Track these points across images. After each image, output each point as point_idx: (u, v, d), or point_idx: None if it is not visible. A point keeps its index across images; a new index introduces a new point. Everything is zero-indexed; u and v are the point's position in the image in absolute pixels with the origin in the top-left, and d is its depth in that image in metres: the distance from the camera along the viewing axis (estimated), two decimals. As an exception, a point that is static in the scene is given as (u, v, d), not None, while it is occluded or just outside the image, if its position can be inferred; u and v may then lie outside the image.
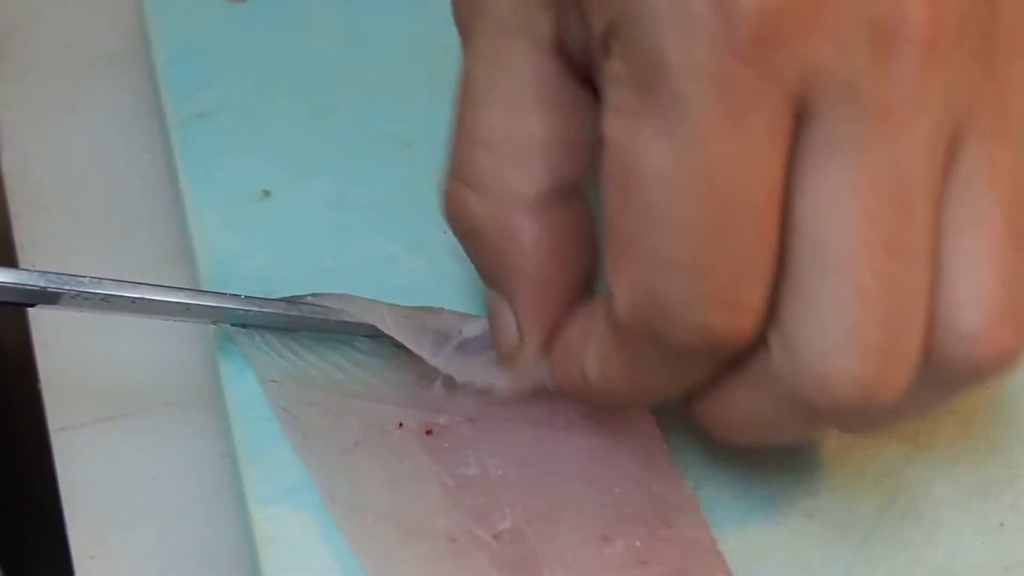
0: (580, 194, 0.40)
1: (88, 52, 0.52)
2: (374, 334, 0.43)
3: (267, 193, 0.47)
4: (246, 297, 0.43)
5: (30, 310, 0.43)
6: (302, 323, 0.43)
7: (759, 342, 0.36)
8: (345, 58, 0.50)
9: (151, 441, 0.46)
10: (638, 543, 0.41)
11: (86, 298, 0.41)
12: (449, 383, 0.43)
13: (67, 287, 0.41)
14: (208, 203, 0.47)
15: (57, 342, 0.48)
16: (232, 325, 0.43)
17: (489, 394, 0.42)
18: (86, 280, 0.41)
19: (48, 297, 0.41)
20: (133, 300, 0.41)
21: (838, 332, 0.35)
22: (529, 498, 0.41)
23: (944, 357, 0.36)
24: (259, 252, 0.46)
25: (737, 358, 0.37)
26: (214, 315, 0.43)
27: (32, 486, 0.48)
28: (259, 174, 0.47)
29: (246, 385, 0.43)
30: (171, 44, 0.49)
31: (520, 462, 0.42)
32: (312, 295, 0.43)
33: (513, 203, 0.39)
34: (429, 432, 0.42)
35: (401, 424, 0.42)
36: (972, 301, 0.36)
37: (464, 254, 0.41)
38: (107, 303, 0.41)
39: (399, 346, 0.44)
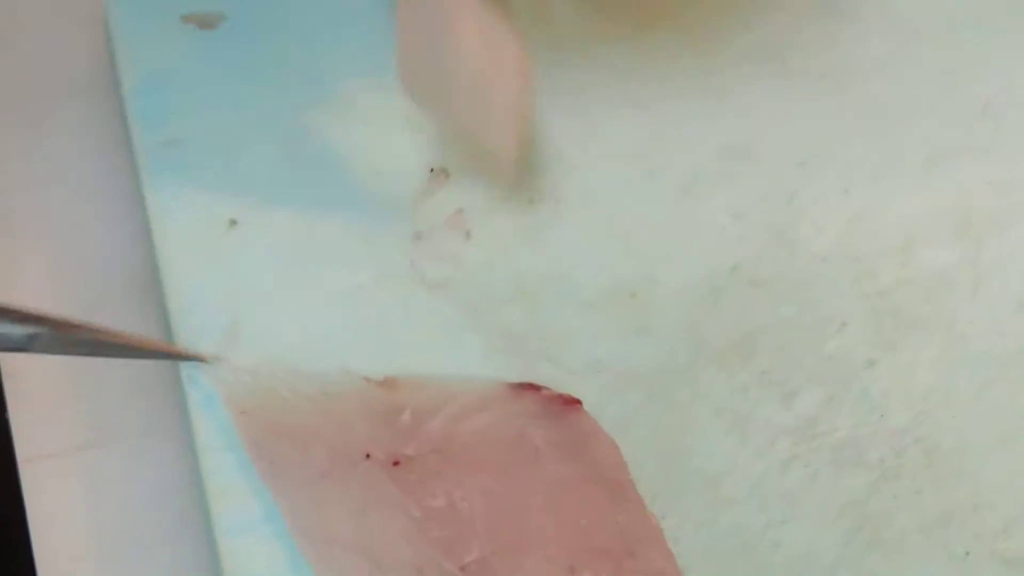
0: None
1: (56, 80, 0.52)
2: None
3: (234, 222, 0.47)
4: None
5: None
6: None
7: None
8: (313, 88, 0.50)
9: (119, 471, 0.46)
10: (604, 575, 0.41)
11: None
12: (417, 414, 0.43)
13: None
14: (175, 232, 0.47)
15: (25, 372, 0.47)
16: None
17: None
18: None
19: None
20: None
21: None
22: (496, 529, 0.41)
23: None
24: (226, 281, 0.46)
25: None
26: None
27: (0, 516, 0.47)
28: (226, 203, 0.47)
29: (214, 416, 0.43)
30: (139, 72, 0.49)
31: (487, 494, 0.42)
32: None
33: None
34: (396, 463, 0.42)
35: (368, 455, 0.43)
36: None
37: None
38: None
39: (369, 378, 0.44)
